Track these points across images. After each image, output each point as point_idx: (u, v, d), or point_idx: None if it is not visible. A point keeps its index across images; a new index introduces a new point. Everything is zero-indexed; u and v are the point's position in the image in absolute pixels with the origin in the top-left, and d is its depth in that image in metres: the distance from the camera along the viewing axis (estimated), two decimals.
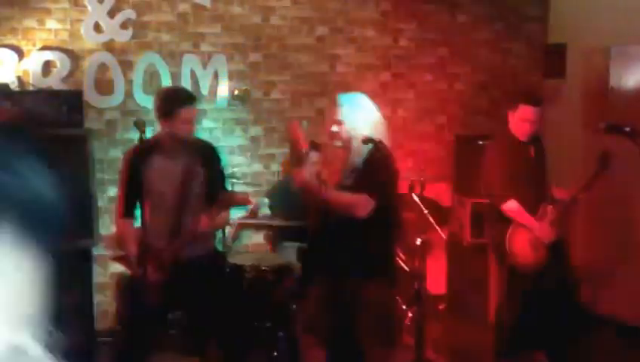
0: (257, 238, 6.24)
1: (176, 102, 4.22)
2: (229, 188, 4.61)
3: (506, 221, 5.02)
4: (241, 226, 5.51)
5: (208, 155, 4.36)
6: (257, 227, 5.98)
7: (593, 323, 6.02)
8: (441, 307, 6.37)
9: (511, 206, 4.98)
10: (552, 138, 6.66)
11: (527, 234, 4.99)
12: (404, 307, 5.67)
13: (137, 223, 4.40)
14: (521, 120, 5.00)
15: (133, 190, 4.33)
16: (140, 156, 4.31)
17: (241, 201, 4.20)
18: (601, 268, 6.24)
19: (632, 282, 6.03)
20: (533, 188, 5.07)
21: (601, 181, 5.00)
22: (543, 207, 5.05)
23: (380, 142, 4.05)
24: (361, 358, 4.12)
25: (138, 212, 4.40)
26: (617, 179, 5.92)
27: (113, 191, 5.89)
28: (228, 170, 4.54)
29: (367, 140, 4.00)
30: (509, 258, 5.01)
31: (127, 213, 4.36)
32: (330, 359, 4.37)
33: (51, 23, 5.66)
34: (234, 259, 4.97)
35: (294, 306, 4.65)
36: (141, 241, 4.25)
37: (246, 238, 6.17)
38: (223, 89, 6.13)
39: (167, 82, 5.94)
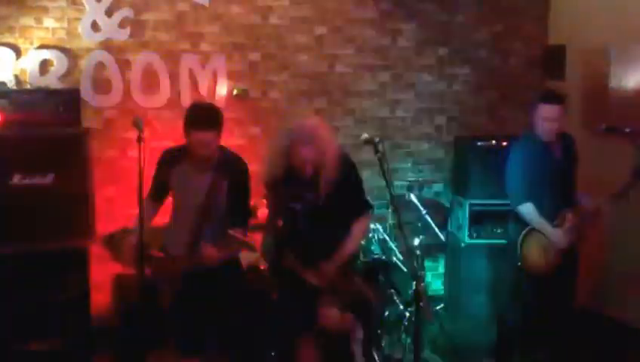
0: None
1: (188, 123, 4.18)
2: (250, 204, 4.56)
3: (523, 222, 5.00)
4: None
5: (234, 170, 4.32)
6: (255, 227, 5.94)
7: (605, 327, 6.05)
8: (438, 308, 6.34)
9: (527, 208, 4.95)
10: None
11: (540, 237, 4.97)
12: (401, 307, 5.66)
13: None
14: (541, 119, 4.96)
15: (161, 190, 4.39)
16: (171, 160, 4.34)
17: (245, 246, 4.12)
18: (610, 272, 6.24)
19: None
20: (557, 191, 5.03)
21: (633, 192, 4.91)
22: (564, 212, 4.99)
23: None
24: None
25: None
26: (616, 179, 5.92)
27: (110, 191, 5.88)
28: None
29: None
30: (519, 259, 4.99)
31: (154, 197, 4.40)
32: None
33: (49, 22, 5.64)
34: None
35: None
36: (160, 245, 4.33)
37: None
38: (222, 88, 6.11)
39: (165, 82, 5.93)
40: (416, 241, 5.74)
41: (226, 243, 4.07)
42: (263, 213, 5.56)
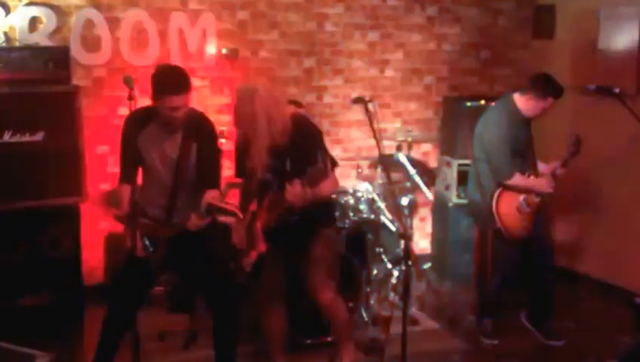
0: None
1: (163, 89, 4.06)
2: (221, 164, 4.52)
3: (495, 185, 5.06)
4: (228, 185, 5.49)
5: (202, 131, 4.25)
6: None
7: (570, 281, 6.21)
8: (426, 266, 6.42)
9: (515, 180, 5.01)
10: None
11: (513, 197, 5.04)
12: (389, 266, 5.73)
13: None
14: (544, 109, 5.07)
15: (131, 156, 4.26)
16: (137, 122, 4.23)
17: (229, 212, 4.04)
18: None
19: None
20: (528, 161, 5.16)
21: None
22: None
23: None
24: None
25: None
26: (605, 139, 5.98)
27: (101, 149, 5.87)
28: (220, 145, 4.44)
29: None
30: (495, 221, 5.05)
31: (125, 178, 4.28)
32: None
33: None
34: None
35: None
36: (135, 203, 4.12)
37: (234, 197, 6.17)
38: (211, 47, 6.08)
39: (154, 40, 5.90)
40: (405, 201, 5.79)
41: (205, 212, 4.00)
42: None
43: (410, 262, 3.94)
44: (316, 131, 4.29)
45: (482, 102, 6.18)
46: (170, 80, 4.11)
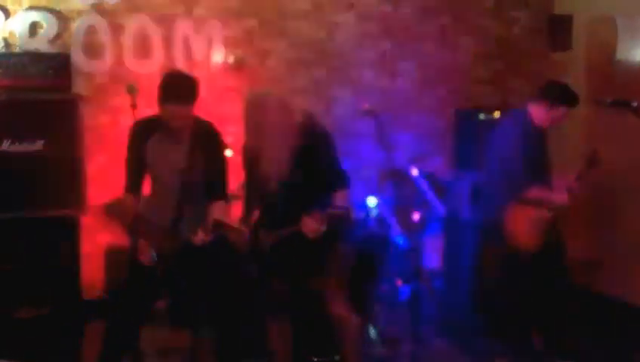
0: None
1: (163, 96, 4.03)
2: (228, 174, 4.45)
3: (508, 200, 4.94)
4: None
5: (209, 141, 4.23)
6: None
7: (587, 301, 6.03)
8: (436, 283, 6.28)
9: (533, 193, 4.88)
10: None
11: (526, 212, 4.92)
12: (399, 282, 5.62)
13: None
14: (556, 118, 4.97)
15: (137, 165, 4.23)
16: (143, 131, 4.19)
17: (233, 231, 3.96)
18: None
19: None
20: (544, 175, 5.03)
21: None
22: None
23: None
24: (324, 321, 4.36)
25: None
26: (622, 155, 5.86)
27: (102, 159, 5.78)
28: (228, 156, 4.38)
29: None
30: (508, 236, 4.93)
31: (131, 188, 4.23)
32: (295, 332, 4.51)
33: None
34: None
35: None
36: (140, 215, 4.13)
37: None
38: (217, 56, 5.99)
39: (158, 47, 5.81)
40: (416, 215, 5.68)
41: (213, 229, 3.97)
42: None
43: (420, 279, 3.86)
44: (327, 138, 4.19)
45: (496, 114, 6.06)
46: (173, 88, 4.08)
